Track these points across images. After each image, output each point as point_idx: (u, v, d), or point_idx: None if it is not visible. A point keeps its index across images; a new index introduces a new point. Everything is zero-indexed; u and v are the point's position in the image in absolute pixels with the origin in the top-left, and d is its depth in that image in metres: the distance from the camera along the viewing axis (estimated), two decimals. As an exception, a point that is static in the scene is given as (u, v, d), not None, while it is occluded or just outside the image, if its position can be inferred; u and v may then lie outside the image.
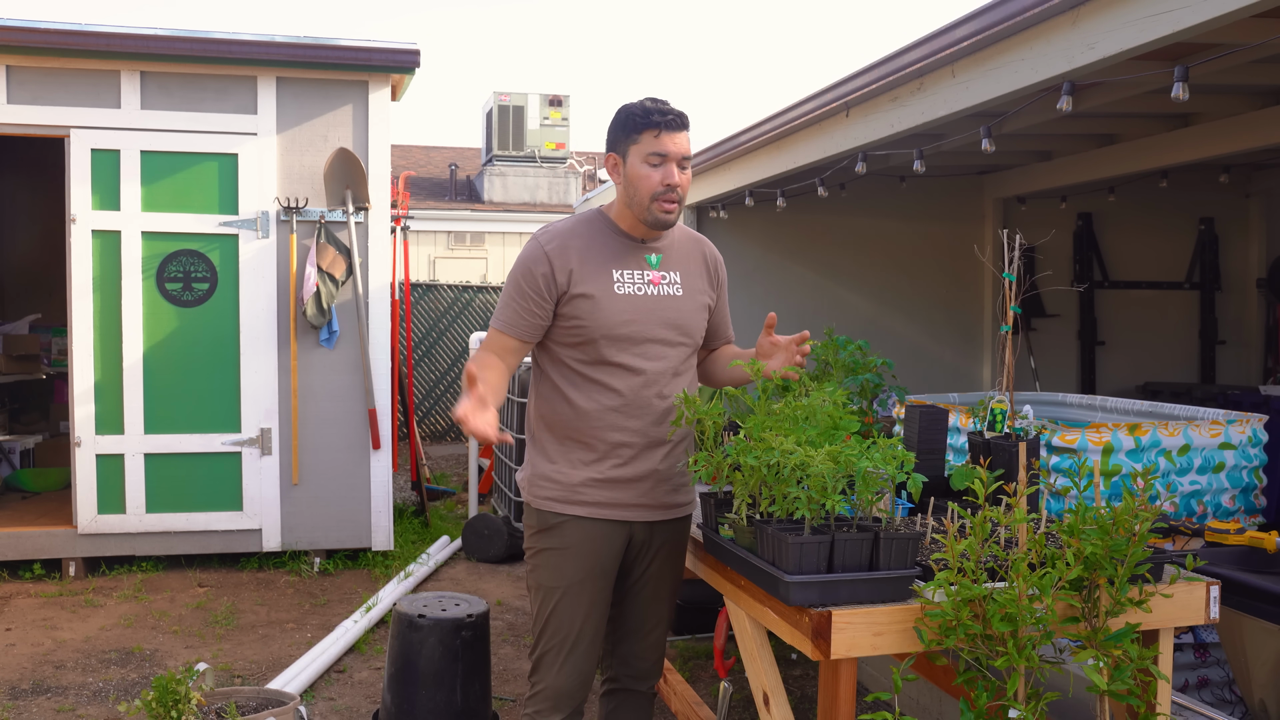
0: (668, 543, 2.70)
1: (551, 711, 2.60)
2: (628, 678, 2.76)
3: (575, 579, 2.57)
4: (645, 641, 2.74)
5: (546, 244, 2.56)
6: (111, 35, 5.89)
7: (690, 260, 2.70)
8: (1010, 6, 3.60)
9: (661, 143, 2.51)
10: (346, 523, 6.31)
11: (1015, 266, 2.84)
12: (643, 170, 2.52)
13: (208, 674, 3.50)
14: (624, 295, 2.56)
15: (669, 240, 2.67)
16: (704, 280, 2.72)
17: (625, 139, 2.56)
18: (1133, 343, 8.18)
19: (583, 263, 2.55)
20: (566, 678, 2.58)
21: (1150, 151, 5.96)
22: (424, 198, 17.29)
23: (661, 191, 2.52)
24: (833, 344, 4.22)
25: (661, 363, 2.59)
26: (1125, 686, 2.14)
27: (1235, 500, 3.92)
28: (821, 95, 5.08)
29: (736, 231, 7.52)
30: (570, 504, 2.58)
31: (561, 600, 2.57)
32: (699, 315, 2.69)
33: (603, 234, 2.61)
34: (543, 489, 2.61)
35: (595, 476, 2.57)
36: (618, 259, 2.59)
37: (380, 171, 6.37)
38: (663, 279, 2.62)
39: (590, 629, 2.59)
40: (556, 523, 2.58)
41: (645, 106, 2.54)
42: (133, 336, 6.05)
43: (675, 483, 2.67)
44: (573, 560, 2.57)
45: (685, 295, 2.65)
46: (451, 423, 12.62)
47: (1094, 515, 2.23)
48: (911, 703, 3.72)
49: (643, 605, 2.71)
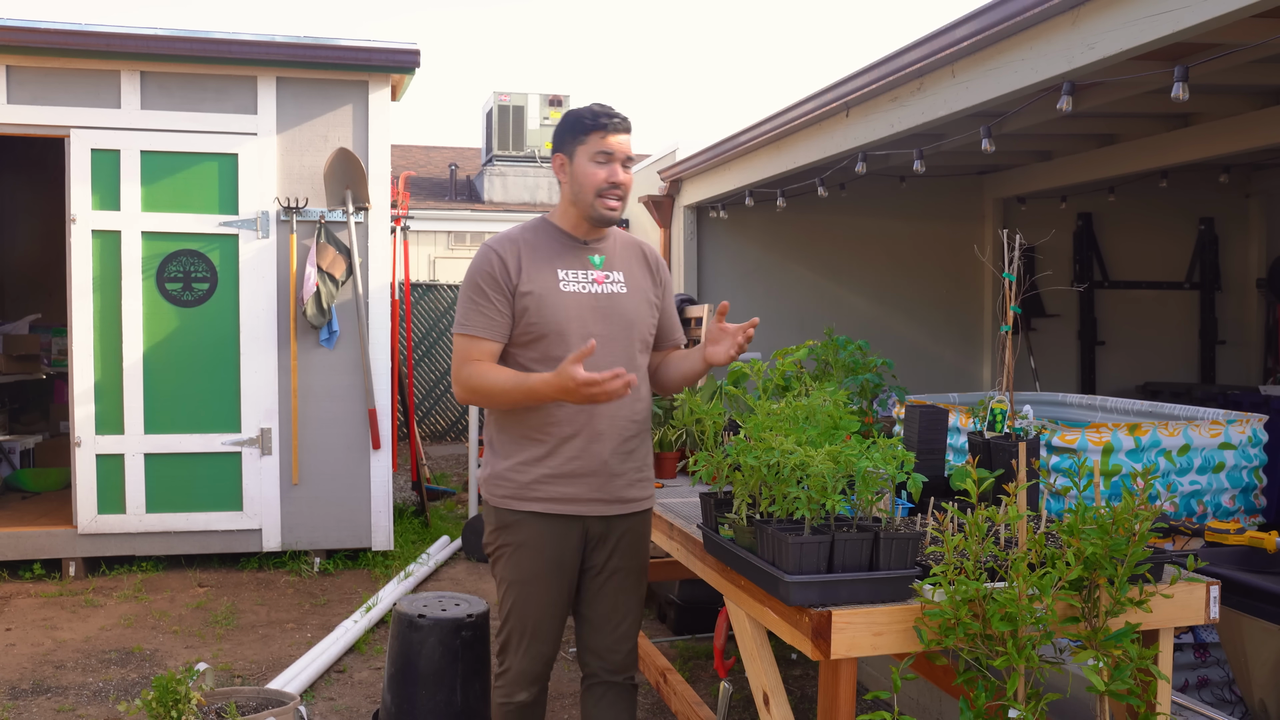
0: (626, 535, 2.77)
1: (518, 691, 2.76)
2: (605, 671, 2.82)
3: (533, 573, 2.69)
4: (616, 634, 2.81)
5: (496, 246, 2.71)
6: (111, 35, 5.89)
7: (633, 261, 2.81)
8: (1010, 6, 3.60)
9: (608, 142, 2.65)
10: (346, 523, 6.31)
11: (1015, 266, 2.84)
12: (590, 168, 2.66)
13: (208, 674, 3.50)
14: (570, 293, 2.67)
15: (611, 242, 2.79)
16: (648, 279, 2.82)
17: (573, 140, 2.69)
18: (1133, 343, 8.18)
19: (529, 262, 2.67)
20: (530, 662, 2.73)
21: (1150, 151, 5.96)
22: (424, 198, 17.29)
23: (606, 188, 2.66)
24: (833, 344, 4.22)
25: (608, 359, 2.66)
26: (1125, 686, 2.14)
27: (1235, 500, 3.92)
28: (821, 95, 5.09)
29: (736, 231, 7.52)
30: (525, 501, 2.67)
31: (521, 593, 2.70)
32: (646, 311, 2.78)
33: (547, 236, 2.74)
34: (499, 487, 2.71)
35: (547, 473, 2.66)
36: (562, 259, 2.71)
37: (380, 171, 6.37)
38: (606, 278, 2.73)
39: (549, 618, 2.72)
40: (513, 520, 2.69)
41: (594, 110, 2.69)
42: (133, 336, 6.05)
43: (630, 478, 2.74)
44: (530, 555, 2.68)
45: (630, 293, 2.75)
46: (451, 422, 12.61)
47: (1094, 515, 2.23)
48: (911, 703, 3.73)
49: (609, 599, 2.78)
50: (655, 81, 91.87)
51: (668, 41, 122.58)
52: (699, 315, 5.20)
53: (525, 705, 2.77)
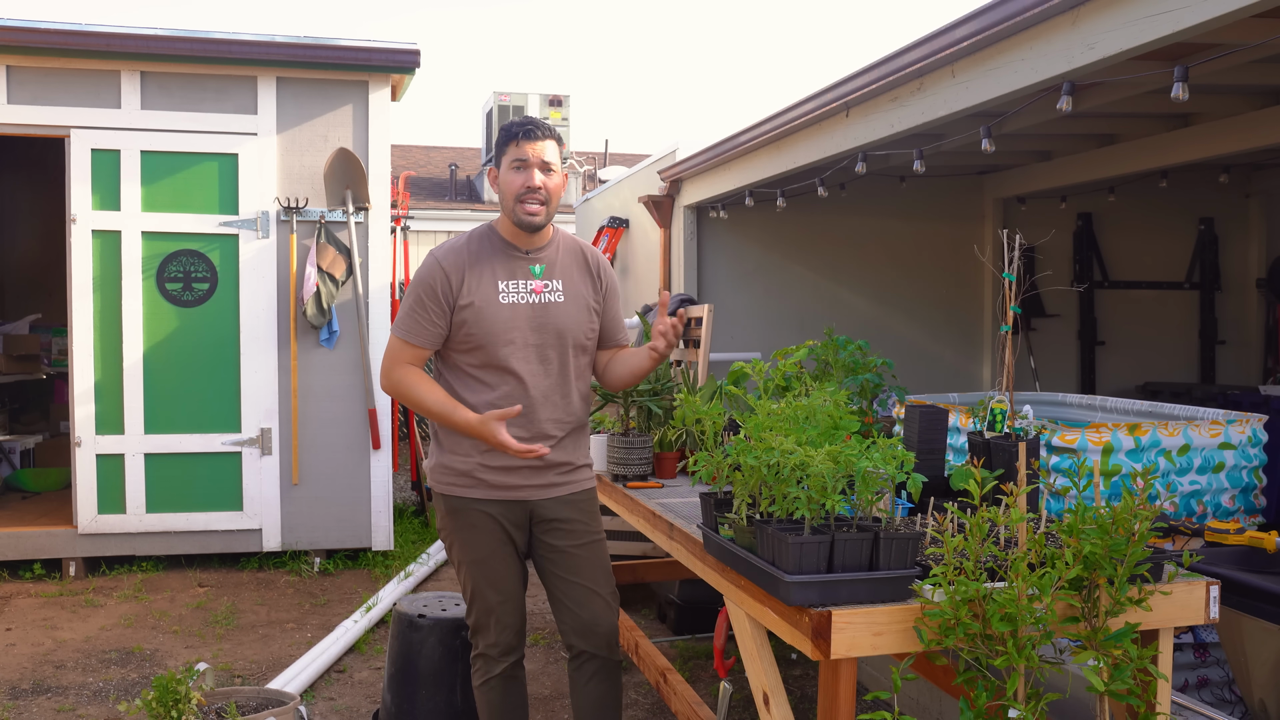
0: (575, 514, 2.97)
1: (495, 665, 2.94)
2: (590, 647, 2.96)
3: (488, 550, 2.89)
4: (593, 610, 2.94)
5: (442, 259, 2.86)
6: (111, 35, 5.89)
7: (574, 267, 2.97)
8: (1010, 6, 3.60)
9: (522, 149, 2.81)
10: (346, 523, 6.32)
11: (1015, 266, 2.84)
12: (509, 175, 2.84)
13: (208, 674, 3.50)
14: (508, 304, 2.84)
15: (553, 249, 2.94)
16: (588, 285, 2.97)
17: (499, 153, 2.88)
18: (1133, 343, 8.18)
19: (472, 275, 2.84)
20: (500, 632, 2.93)
21: (1150, 151, 5.96)
22: (424, 198, 17.29)
23: (523, 192, 2.81)
24: (833, 344, 4.22)
25: (545, 365, 2.87)
26: (1125, 686, 2.14)
27: (1235, 500, 3.92)
28: (821, 95, 5.08)
29: (736, 231, 7.52)
30: (470, 486, 2.88)
31: (481, 571, 2.90)
32: (584, 318, 2.94)
33: (491, 247, 2.89)
34: (445, 475, 2.91)
35: (487, 462, 2.86)
36: (504, 270, 2.87)
37: (380, 171, 6.37)
38: (545, 287, 2.89)
39: (510, 590, 2.93)
40: (460, 505, 2.90)
41: (514, 121, 2.86)
42: (133, 336, 6.05)
43: (569, 466, 2.96)
44: (481, 535, 2.89)
45: (567, 301, 2.91)
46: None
47: (1094, 515, 2.23)
48: (911, 703, 3.73)
49: (577, 577, 2.95)
50: (655, 81, 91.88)
51: (668, 41, 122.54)
52: (699, 315, 5.19)
53: (505, 679, 2.95)
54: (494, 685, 2.96)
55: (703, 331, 5.14)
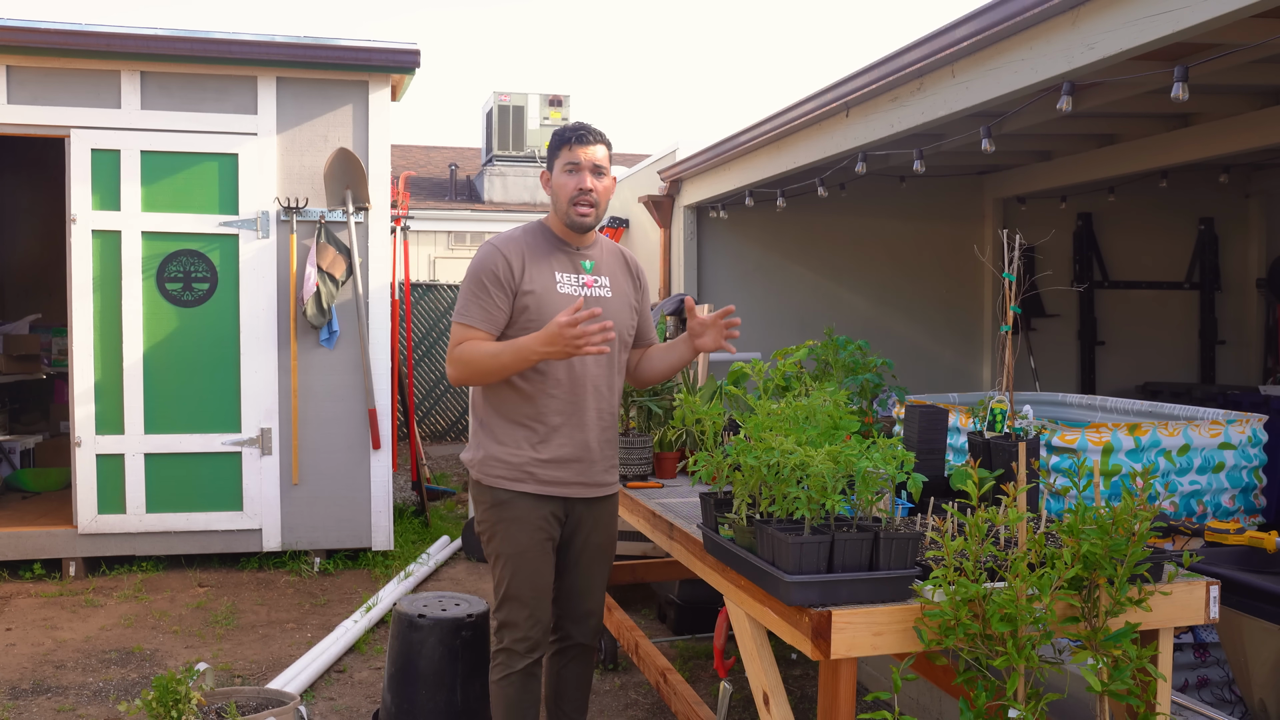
0: (601, 516, 3.09)
1: (518, 660, 2.96)
2: (577, 635, 3.14)
3: (528, 544, 2.93)
4: (589, 603, 3.13)
5: (501, 246, 2.94)
6: (111, 35, 5.89)
7: (617, 267, 3.10)
8: (1010, 6, 3.60)
9: (574, 153, 2.93)
10: (346, 523, 6.32)
11: (1015, 266, 2.84)
12: (562, 178, 2.95)
13: (208, 674, 3.50)
14: (564, 294, 2.93)
15: (598, 249, 3.07)
16: (629, 285, 3.11)
17: (552, 157, 3.00)
18: (1133, 343, 8.18)
19: (531, 263, 2.92)
20: (530, 628, 2.95)
21: (1150, 151, 5.96)
22: (424, 198, 17.28)
23: (576, 195, 2.92)
24: (833, 344, 4.22)
25: (595, 357, 2.93)
26: (1125, 686, 2.14)
27: (1235, 500, 3.92)
28: (821, 95, 5.09)
29: (736, 231, 7.52)
30: (519, 481, 2.93)
31: (519, 564, 2.93)
32: (627, 315, 3.07)
33: (545, 240, 3.00)
34: (494, 468, 2.95)
35: (538, 457, 2.92)
36: (558, 261, 2.97)
37: (380, 171, 6.37)
38: (595, 282, 3.01)
39: (545, 586, 2.99)
40: (507, 498, 2.94)
41: (567, 126, 2.98)
42: (133, 336, 6.05)
43: (606, 464, 3.05)
44: (525, 529, 2.93)
45: (614, 297, 3.03)
46: (451, 422, 12.62)
47: (1094, 515, 2.23)
48: (911, 703, 3.73)
49: (583, 572, 3.09)
50: (655, 81, 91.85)
51: (668, 41, 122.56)
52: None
53: (526, 675, 2.97)
54: (514, 681, 2.97)
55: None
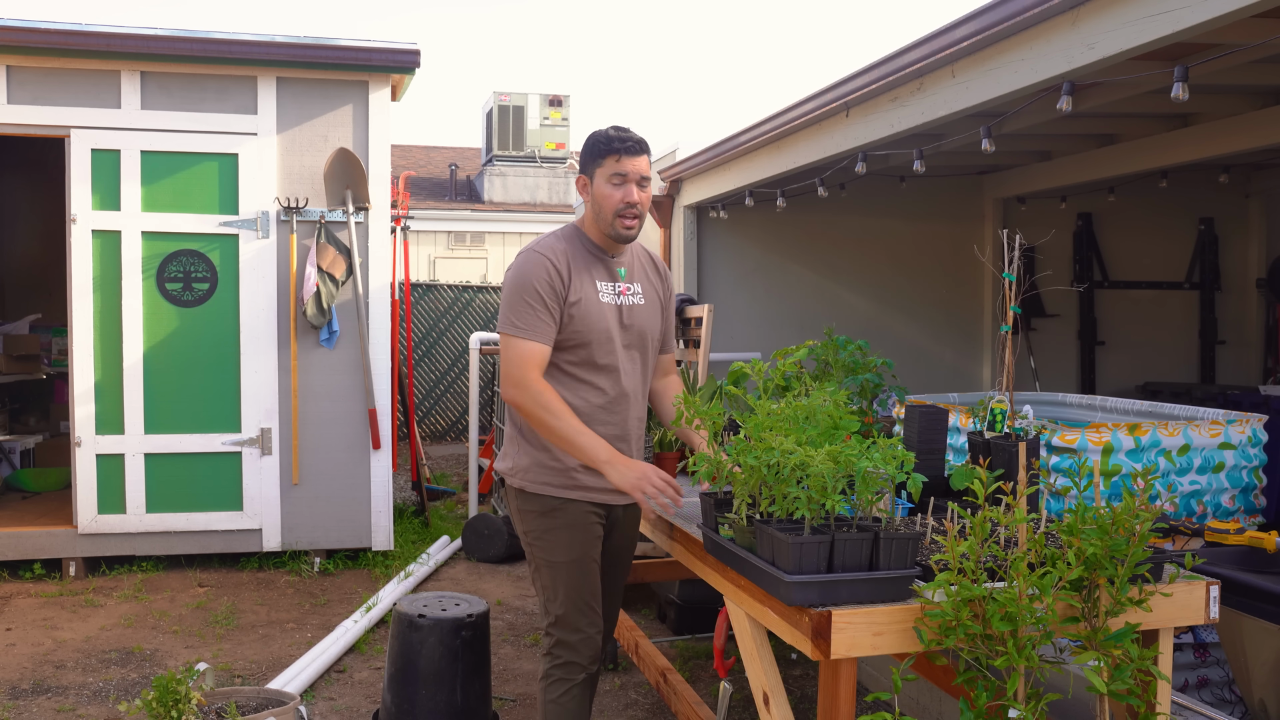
0: (632, 520, 3.13)
1: (578, 670, 2.89)
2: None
3: (583, 550, 2.90)
4: (615, 601, 3.18)
5: (548, 254, 2.85)
6: (111, 35, 5.89)
7: (647, 272, 3.06)
8: (1010, 6, 3.60)
9: (622, 165, 2.84)
10: (346, 523, 6.32)
11: (1015, 266, 2.84)
12: (606, 190, 2.85)
13: (208, 674, 3.50)
14: (606, 303, 2.90)
15: (630, 255, 3.02)
16: (658, 287, 3.09)
17: (592, 163, 2.89)
18: (1133, 343, 8.18)
19: (575, 271, 2.87)
20: (589, 631, 2.90)
21: (1150, 151, 5.96)
22: (424, 198, 17.29)
23: (623, 208, 2.85)
24: (833, 344, 4.22)
25: (632, 365, 2.96)
26: (1125, 686, 2.14)
27: (1235, 500, 3.92)
28: (821, 95, 5.09)
29: (736, 231, 7.52)
30: (568, 489, 2.89)
31: (576, 570, 2.89)
32: (658, 320, 3.06)
33: (585, 248, 2.94)
34: (540, 475, 2.90)
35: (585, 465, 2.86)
36: (597, 270, 2.93)
37: (380, 171, 6.37)
38: (629, 289, 2.98)
39: (597, 589, 2.95)
40: (558, 505, 2.89)
41: (609, 134, 2.86)
42: (133, 336, 6.05)
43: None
44: (580, 536, 2.89)
45: (647, 303, 3.01)
46: (451, 422, 12.61)
47: (1094, 515, 2.23)
48: (911, 703, 3.73)
49: (606, 576, 3.07)
50: (655, 81, 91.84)
51: (668, 41, 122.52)
52: (699, 315, 5.19)
53: (586, 685, 2.90)
54: (576, 694, 2.88)
55: (703, 331, 5.14)
